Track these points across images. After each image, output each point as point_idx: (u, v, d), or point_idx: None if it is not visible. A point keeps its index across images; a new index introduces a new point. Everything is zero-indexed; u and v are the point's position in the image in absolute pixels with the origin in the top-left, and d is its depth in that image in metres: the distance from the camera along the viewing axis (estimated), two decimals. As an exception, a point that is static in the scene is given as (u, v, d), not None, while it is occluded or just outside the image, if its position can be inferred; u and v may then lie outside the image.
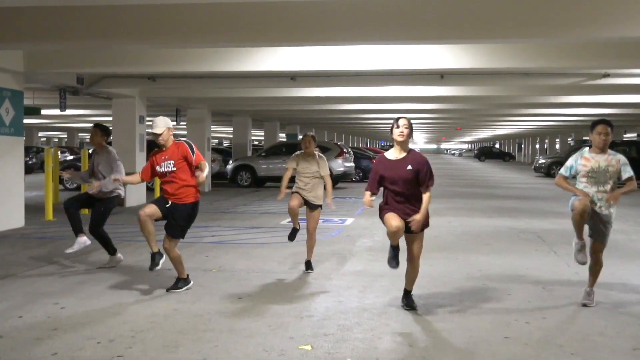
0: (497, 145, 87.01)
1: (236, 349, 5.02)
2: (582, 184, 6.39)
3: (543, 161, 34.33)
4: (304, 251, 8.39)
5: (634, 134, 42.24)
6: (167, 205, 6.83)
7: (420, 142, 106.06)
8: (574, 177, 6.49)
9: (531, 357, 4.90)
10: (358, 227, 12.44)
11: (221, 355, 4.88)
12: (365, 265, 8.59)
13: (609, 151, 6.38)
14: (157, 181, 14.98)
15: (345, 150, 23.94)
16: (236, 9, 8.55)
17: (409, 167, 5.96)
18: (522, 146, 69.91)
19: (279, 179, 23.70)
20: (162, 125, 6.91)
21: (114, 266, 8.29)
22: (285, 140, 34.29)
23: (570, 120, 32.92)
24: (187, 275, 7.06)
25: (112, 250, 8.34)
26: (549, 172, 32.67)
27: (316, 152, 8.07)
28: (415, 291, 6.44)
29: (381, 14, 8.50)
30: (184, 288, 6.95)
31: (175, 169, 6.83)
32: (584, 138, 45.12)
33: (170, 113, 22.20)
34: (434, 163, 62.15)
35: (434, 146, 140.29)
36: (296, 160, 8.03)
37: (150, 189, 18.36)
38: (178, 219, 6.83)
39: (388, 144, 72.34)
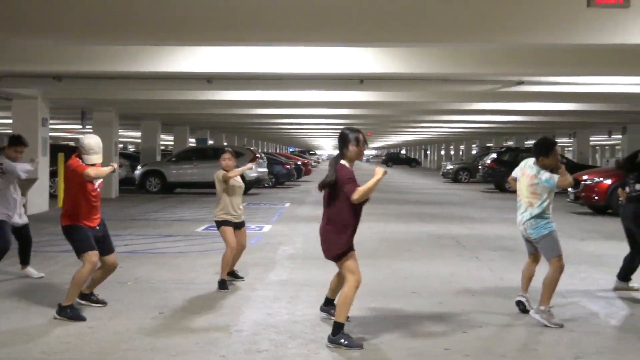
0: (403, 152, 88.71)
1: (163, 371, 4.61)
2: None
3: (451, 167, 35.08)
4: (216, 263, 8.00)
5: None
6: (98, 227, 6.28)
7: (328, 147, 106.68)
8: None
9: (475, 369, 4.74)
10: (277, 234, 12.11)
11: (147, 379, 4.45)
12: (290, 273, 8.28)
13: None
14: (61, 187, 14.07)
15: (258, 155, 23.57)
16: (151, 4, 8.05)
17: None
18: (428, 152, 71.55)
19: (189, 184, 23.15)
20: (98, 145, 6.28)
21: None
22: (195, 145, 33.53)
23: (477, 127, 33.82)
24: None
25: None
26: (456, 177, 33.42)
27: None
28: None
29: (303, 14, 8.25)
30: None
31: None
32: (488, 145, 46.62)
33: (76, 115, 21.15)
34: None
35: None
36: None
37: (53, 196, 17.35)
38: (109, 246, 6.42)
39: (297, 150, 72.38)
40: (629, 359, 5.00)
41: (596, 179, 16.42)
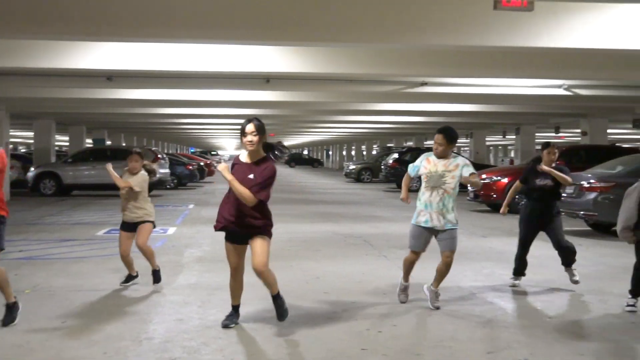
0: (305, 152, 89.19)
1: (69, 385, 4.32)
2: (422, 187, 6.43)
3: (353, 167, 35.51)
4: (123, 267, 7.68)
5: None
6: None
7: (230, 148, 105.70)
8: (420, 177, 6.50)
9: (393, 368, 4.73)
10: (182, 236, 11.79)
11: (51, 394, 4.16)
12: (199, 277, 8.05)
13: (452, 155, 6.45)
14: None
15: (160, 156, 22.99)
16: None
17: (251, 175, 5.44)
18: (330, 153, 72.24)
19: (87, 186, 22.23)
20: None
21: None
22: (93, 145, 32.33)
23: (379, 127, 34.41)
24: None
25: None
26: (359, 177, 33.86)
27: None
28: (258, 303, 6.06)
29: (208, 11, 8.06)
30: None
31: None
32: (389, 145, 47.56)
33: (-39, 114, 19.85)
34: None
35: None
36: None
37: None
38: None
39: (198, 150, 71.31)
40: (539, 352, 5.13)
41: (494, 178, 17.01)
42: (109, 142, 36.10)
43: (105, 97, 16.52)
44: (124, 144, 37.97)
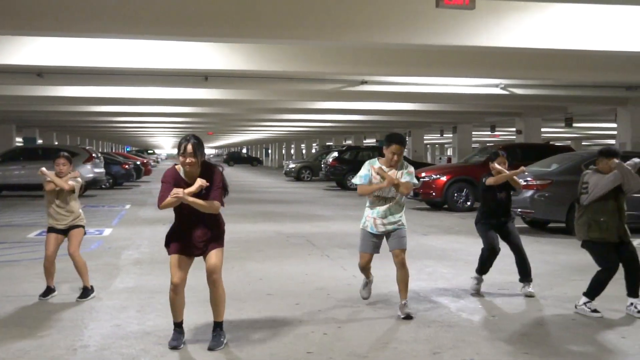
0: (244, 151, 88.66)
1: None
2: (371, 197, 6.24)
3: (293, 166, 35.40)
4: (66, 268, 7.37)
5: (373, 140, 45.42)
6: None
7: (167, 147, 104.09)
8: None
9: (339, 372, 4.63)
10: (119, 237, 11.45)
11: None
12: (137, 280, 7.78)
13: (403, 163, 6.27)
14: None
15: (94, 155, 22.34)
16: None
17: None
18: (269, 151, 71.96)
19: (16, 187, 21.40)
20: None
21: None
22: (23, 144, 31.25)
23: (318, 126, 34.41)
24: None
25: None
26: (299, 176, 33.77)
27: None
28: (200, 310, 5.87)
29: (143, 5, 7.81)
30: None
31: None
32: (328, 143, 47.64)
33: None
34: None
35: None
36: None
37: None
38: None
39: (134, 149, 69.98)
40: (485, 351, 5.12)
41: (433, 176, 17.18)
42: (40, 141, 34.96)
43: (36, 94, 15.91)
44: (56, 143, 36.86)
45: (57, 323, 5.83)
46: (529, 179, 12.12)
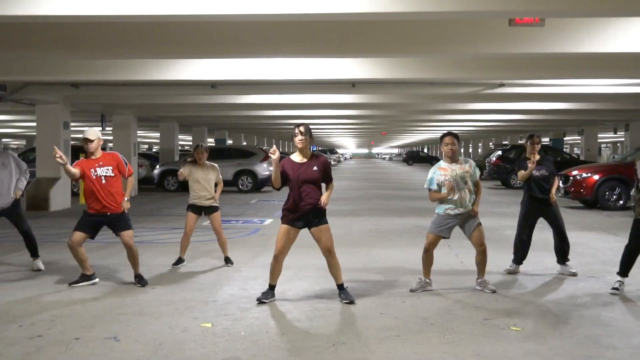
0: (425, 150, 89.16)
1: (145, 328, 5.74)
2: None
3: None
4: (216, 249, 9.16)
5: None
6: (108, 215, 7.39)
7: (351, 146, 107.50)
8: (439, 186, 7.27)
9: (399, 327, 5.80)
10: (276, 226, 13.12)
11: (130, 333, 5.59)
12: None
13: (460, 158, 7.31)
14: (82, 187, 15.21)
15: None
16: (157, 25, 9.12)
17: (315, 167, 6.64)
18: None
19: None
20: (95, 134, 7.45)
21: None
22: (214, 144, 34.72)
23: (487, 125, 34.59)
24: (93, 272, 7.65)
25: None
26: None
27: (207, 163, 8.78)
28: (300, 283, 7.24)
29: (292, 30, 9.26)
30: (85, 283, 7.47)
31: (113, 174, 7.42)
32: (504, 142, 47.14)
33: (96, 119, 22.43)
34: (363, 167, 62.58)
35: (365, 150, 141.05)
36: (189, 168, 8.68)
37: (75, 194, 18.65)
38: (126, 224, 7.53)
39: (319, 148, 73.43)
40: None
41: (584, 175, 17.25)
42: (229, 141, 38.46)
43: (212, 102, 18.38)
44: (244, 143, 40.28)
45: (201, 286, 7.52)
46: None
